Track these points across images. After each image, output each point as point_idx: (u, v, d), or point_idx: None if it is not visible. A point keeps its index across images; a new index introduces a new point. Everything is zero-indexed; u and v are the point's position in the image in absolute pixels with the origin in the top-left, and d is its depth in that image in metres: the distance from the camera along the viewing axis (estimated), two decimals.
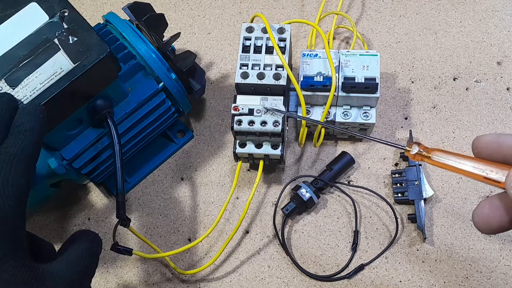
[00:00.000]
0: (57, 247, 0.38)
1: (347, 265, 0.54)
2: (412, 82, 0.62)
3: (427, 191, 0.55)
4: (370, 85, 0.52)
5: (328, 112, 0.54)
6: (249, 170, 0.59)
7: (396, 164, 0.58)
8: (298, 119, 0.55)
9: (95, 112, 0.46)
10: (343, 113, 0.55)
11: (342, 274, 0.54)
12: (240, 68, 0.52)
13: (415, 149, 0.34)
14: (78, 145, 0.48)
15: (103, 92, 0.46)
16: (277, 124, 0.50)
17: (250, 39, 0.53)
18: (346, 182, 0.57)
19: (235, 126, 0.51)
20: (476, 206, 0.31)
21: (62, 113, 0.44)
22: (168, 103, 0.53)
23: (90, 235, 0.38)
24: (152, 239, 0.57)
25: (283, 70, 0.51)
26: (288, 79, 0.52)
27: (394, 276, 0.54)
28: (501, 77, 0.61)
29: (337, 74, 0.53)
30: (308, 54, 0.54)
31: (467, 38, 0.64)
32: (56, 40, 0.41)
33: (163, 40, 0.54)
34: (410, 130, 0.59)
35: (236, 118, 0.51)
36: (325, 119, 0.54)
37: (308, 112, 0.55)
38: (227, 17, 0.68)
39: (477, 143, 0.31)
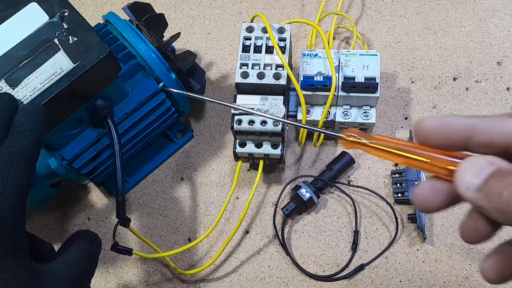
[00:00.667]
0: (57, 247, 0.38)
1: (347, 265, 0.54)
2: (412, 82, 0.62)
3: None
4: (370, 85, 0.52)
5: (328, 112, 0.54)
6: (249, 170, 0.59)
7: (396, 164, 0.58)
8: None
9: (95, 112, 0.46)
10: (343, 113, 0.55)
11: (342, 274, 0.54)
12: (240, 67, 0.52)
13: (349, 136, 0.30)
14: (78, 145, 0.48)
15: (103, 92, 0.46)
16: (277, 123, 0.50)
17: (250, 39, 0.53)
18: (346, 182, 0.57)
19: (235, 126, 0.51)
20: (419, 185, 0.27)
21: (62, 113, 0.44)
22: (168, 103, 0.53)
23: (89, 235, 0.38)
24: (152, 239, 0.57)
25: (283, 69, 0.51)
26: (288, 79, 0.51)
27: (394, 276, 0.54)
28: (501, 77, 0.61)
29: (337, 74, 0.53)
30: (308, 54, 0.54)
31: (467, 38, 0.64)
32: (56, 40, 0.41)
33: (163, 40, 0.54)
34: (410, 130, 0.59)
35: (236, 117, 0.51)
36: (325, 119, 0.54)
37: (308, 112, 0.55)
38: (227, 17, 0.68)
39: (419, 128, 0.27)
